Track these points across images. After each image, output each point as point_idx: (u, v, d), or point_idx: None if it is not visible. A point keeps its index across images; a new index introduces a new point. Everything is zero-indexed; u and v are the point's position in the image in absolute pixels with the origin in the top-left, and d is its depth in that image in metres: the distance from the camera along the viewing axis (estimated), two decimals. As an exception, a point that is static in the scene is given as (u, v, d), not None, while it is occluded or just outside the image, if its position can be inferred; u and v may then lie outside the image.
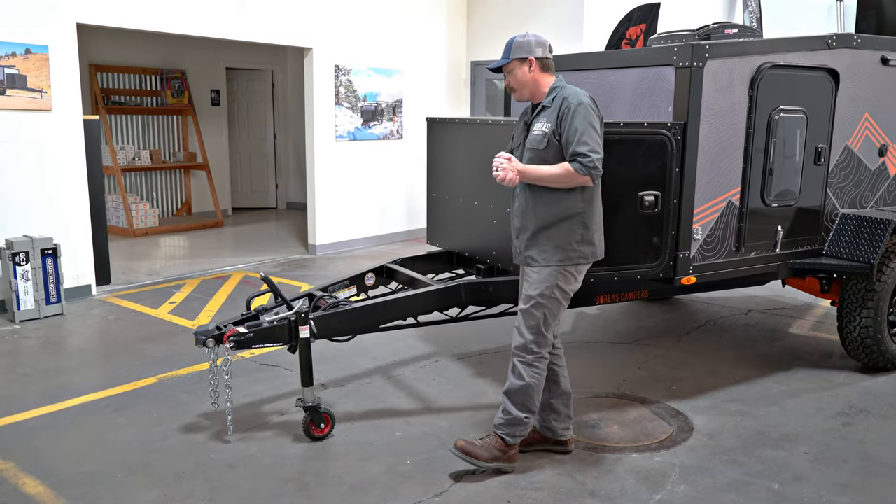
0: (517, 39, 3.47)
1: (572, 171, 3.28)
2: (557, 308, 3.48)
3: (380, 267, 4.63)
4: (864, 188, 4.89)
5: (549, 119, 3.38)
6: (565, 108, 3.33)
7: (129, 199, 9.95)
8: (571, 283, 3.48)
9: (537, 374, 3.49)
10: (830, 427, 4.09)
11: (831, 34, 4.54)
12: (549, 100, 3.43)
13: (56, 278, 6.00)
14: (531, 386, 3.48)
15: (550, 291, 3.43)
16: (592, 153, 3.26)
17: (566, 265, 3.42)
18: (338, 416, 4.12)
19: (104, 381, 4.64)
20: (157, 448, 3.76)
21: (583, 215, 3.41)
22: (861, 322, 4.71)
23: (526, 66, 3.44)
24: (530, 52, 3.44)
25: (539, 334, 3.46)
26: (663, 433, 4.02)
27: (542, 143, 3.40)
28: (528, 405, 3.52)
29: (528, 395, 3.49)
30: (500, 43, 9.90)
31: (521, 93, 3.51)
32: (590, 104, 3.34)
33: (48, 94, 6.15)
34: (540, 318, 3.45)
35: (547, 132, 3.38)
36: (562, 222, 3.40)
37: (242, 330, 3.76)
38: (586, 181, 3.31)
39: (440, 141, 4.93)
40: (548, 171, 3.34)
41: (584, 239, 3.43)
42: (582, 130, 3.27)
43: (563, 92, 3.41)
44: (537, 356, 3.49)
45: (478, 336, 5.53)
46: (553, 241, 3.41)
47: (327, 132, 8.55)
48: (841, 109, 4.64)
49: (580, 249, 3.43)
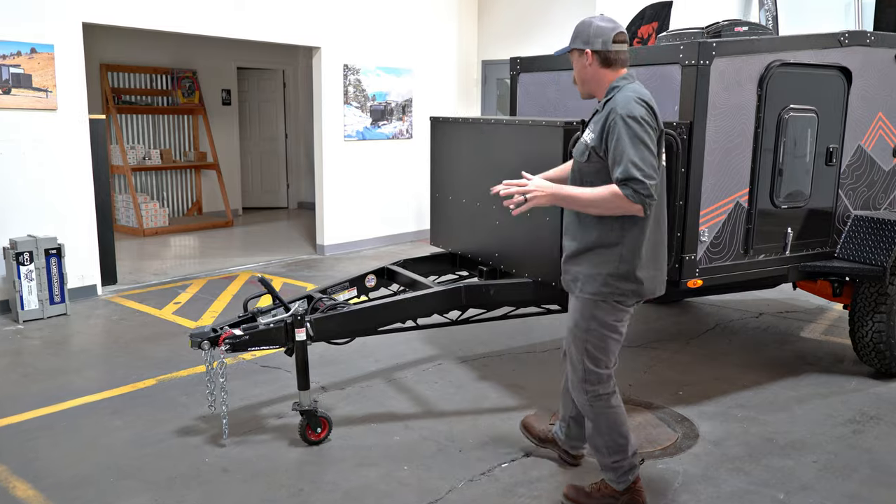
0: (579, 25, 2.95)
1: (621, 197, 2.73)
2: (601, 341, 3.02)
3: (381, 268, 4.57)
4: (877, 189, 4.77)
5: (596, 129, 2.87)
6: (611, 121, 2.78)
7: (139, 198, 9.96)
8: (615, 314, 2.99)
9: (603, 410, 3.10)
10: (840, 435, 3.98)
11: (844, 31, 4.43)
12: (602, 103, 2.92)
13: (60, 278, 5.99)
14: (602, 427, 3.11)
15: (587, 323, 3.00)
16: (647, 178, 2.71)
17: (598, 300, 2.97)
18: (336, 420, 4.07)
19: (103, 383, 4.61)
20: (152, 451, 3.72)
21: (619, 247, 2.89)
22: (873, 326, 4.59)
23: (585, 59, 2.92)
24: (587, 43, 2.90)
25: (586, 370, 3.06)
26: (667, 440, 3.93)
27: (583, 156, 2.93)
28: (610, 446, 3.13)
29: (605, 436, 3.12)
30: (512, 42, 9.92)
31: (582, 89, 3.02)
32: (642, 115, 2.76)
33: (53, 93, 6.14)
34: (582, 352, 3.05)
35: (590, 144, 2.88)
36: (596, 250, 2.93)
37: (238, 332, 3.70)
38: (637, 210, 2.76)
39: (444, 140, 4.86)
40: (587, 195, 2.81)
41: (620, 273, 2.91)
42: (631, 151, 2.72)
43: (616, 97, 2.84)
44: (593, 395, 3.09)
45: (483, 338, 5.46)
46: (586, 269, 2.97)
47: (336, 132, 8.50)
48: (853, 108, 4.52)
49: (616, 285, 2.92)
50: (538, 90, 5.04)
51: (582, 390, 3.12)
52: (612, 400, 3.13)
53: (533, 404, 4.35)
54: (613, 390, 3.15)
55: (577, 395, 3.17)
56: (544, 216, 3.89)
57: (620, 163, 2.74)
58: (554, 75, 4.88)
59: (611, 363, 3.10)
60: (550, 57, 4.96)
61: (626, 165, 2.72)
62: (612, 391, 3.14)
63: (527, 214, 4.00)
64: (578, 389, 3.14)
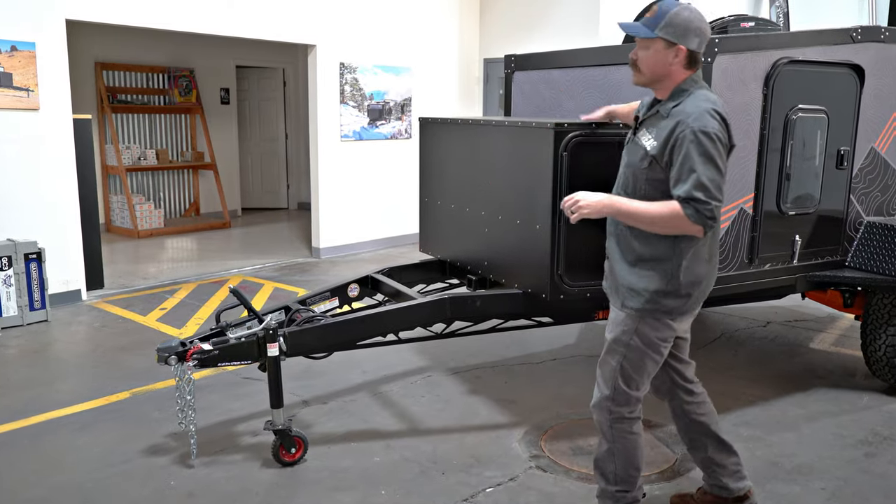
0: (674, 12, 2.58)
1: (681, 216, 2.51)
2: (640, 358, 2.78)
3: (364, 277, 4.34)
4: (892, 194, 4.51)
5: (659, 137, 2.62)
6: (680, 133, 2.53)
7: (134, 199, 9.78)
8: (661, 331, 2.77)
9: (623, 434, 2.86)
10: (851, 458, 3.72)
11: (856, 27, 4.17)
12: (668, 107, 2.64)
13: (41, 284, 5.80)
14: (617, 452, 2.87)
15: (629, 337, 2.77)
16: (712, 200, 2.49)
17: (644, 316, 2.75)
18: (315, 438, 3.85)
19: (75, 396, 4.40)
20: (116, 472, 3.50)
21: (670, 262, 2.68)
22: (887, 340, 4.33)
23: (671, 54, 2.61)
24: (682, 38, 2.59)
25: (616, 389, 2.81)
26: (665, 462, 3.68)
27: (642, 162, 2.67)
28: (619, 475, 2.89)
29: (617, 462, 2.88)
30: (516, 39, 9.66)
31: (642, 78, 2.70)
32: (716, 132, 2.52)
33: (35, 92, 5.94)
34: (616, 368, 2.81)
35: (650, 153, 2.64)
36: (645, 264, 2.72)
37: (207, 347, 3.49)
38: (696, 232, 2.55)
39: (432, 142, 4.63)
40: (645, 212, 2.59)
41: (669, 290, 2.70)
42: (701, 169, 2.49)
43: (685, 105, 2.58)
44: (616, 416, 2.84)
45: (476, 349, 5.22)
46: (631, 281, 2.75)
47: (332, 132, 8.28)
48: (866, 108, 4.26)
49: (662, 302, 2.70)
50: (533, 89, 4.79)
51: (605, 409, 2.86)
52: (634, 426, 2.89)
53: (524, 421, 4.11)
54: (639, 416, 2.90)
55: (598, 412, 2.90)
56: (535, 224, 3.66)
57: (686, 180, 2.51)
58: (547, 73, 4.64)
59: (643, 385, 2.86)
60: (546, 54, 4.72)
61: (692, 184, 2.50)
62: (638, 416, 2.90)
63: (516, 221, 3.81)
64: (602, 408, 2.88)
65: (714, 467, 3.10)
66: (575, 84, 4.45)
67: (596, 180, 3.55)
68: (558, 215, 3.53)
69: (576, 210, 2.70)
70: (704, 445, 3.09)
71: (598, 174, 3.56)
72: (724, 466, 3.09)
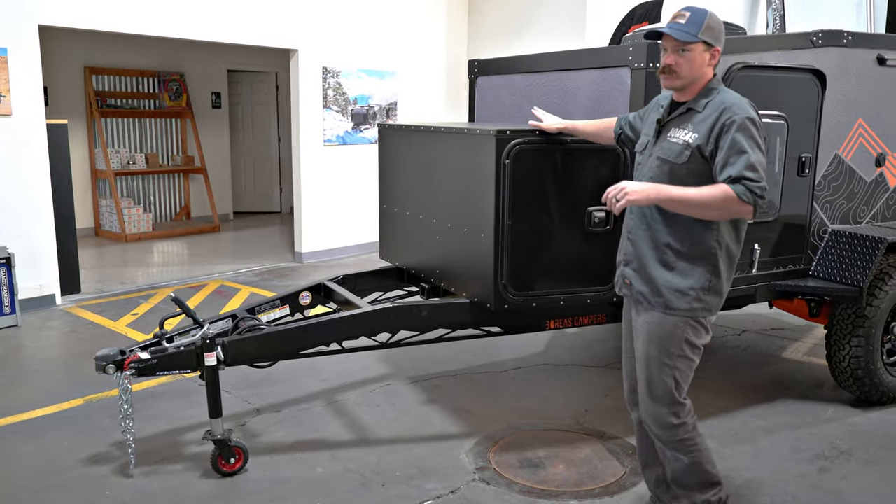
0: (710, 15, 2.69)
1: (732, 196, 2.54)
2: (689, 367, 2.80)
3: (317, 285, 4.29)
4: (858, 201, 4.41)
5: (699, 129, 2.68)
6: (727, 119, 2.61)
7: (123, 203, 9.79)
8: (703, 337, 2.79)
9: (695, 443, 2.86)
10: (803, 472, 3.63)
11: (817, 31, 4.09)
12: (702, 103, 2.72)
13: (10, 289, 5.79)
14: (696, 461, 2.86)
15: (679, 349, 2.75)
16: (761, 179, 2.56)
17: (689, 318, 2.74)
18: (261, 448, 3.81)
19: (28, 403, 4.38)
20: (53, 483, 3.47)
21: (716, 257, 2.71)
22: (851, 351, 4.23)
23: (709, 56, 2.71)
24: (718, 40, 2.71)
25: (674, 403, 2.80)
26: (612, 476, 3.61)
27: (681, 156, 2.70)
28: (705, 479, 2.88)
29: (700, 471, 2.87)
30: (504, 41, 9.59)
31: (681, 82, 2.73)
32: (758, 121, 2.66)
33: (7, 98, 5.94)
34: (670, 384, 2.78)
35: (692, 144, 2.67)
36: (690, 262, 2.72)
37: (145, 356, 3.45)
38: (747, 211, 2.57)
39: (389, 148, 4.58)
40: (698, 195, 2.58)
41: (712, 287, 2.73)
42: (750, 152, 2.57)
43: (723, 97, 2.69)
44: (683, 429, 2.83)
45: (441, 356, 5.16)
46: (673, 282, 2.73)
47: (314, 136, 8.25)
48: (829, 114, 4.17)
49: (706, 300, 2.72)
50: (494, 95, 4.73)
51: (668, 426, 2.82)
52: (693, 434, 2.87)
53: (476, 432, 4.05)
54: (693, 420, 2.88)
55: (662, 431, 2.84)
56: (479, 233, 3.60)
57: (735, 162, 2.58)
58: (508, 79, 4.57)
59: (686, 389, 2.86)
60: (506, 59, 4.65)
61: (742, 165, 2.57)
62: (693, 421, 2.88)
63: (463, 230, 3.75)
64: (664, 425, 2.83)
65: (665, 486, 3.06)
66: (534, 89, 4.39)
67: (539, 188, 3.51)
68: (501, 224, 3.47)
69: (621, 198, 2.64)
70: (661, 464, 3.04)
71: (542, 181, 3.51)
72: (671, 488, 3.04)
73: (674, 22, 2.71)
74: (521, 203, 3.47)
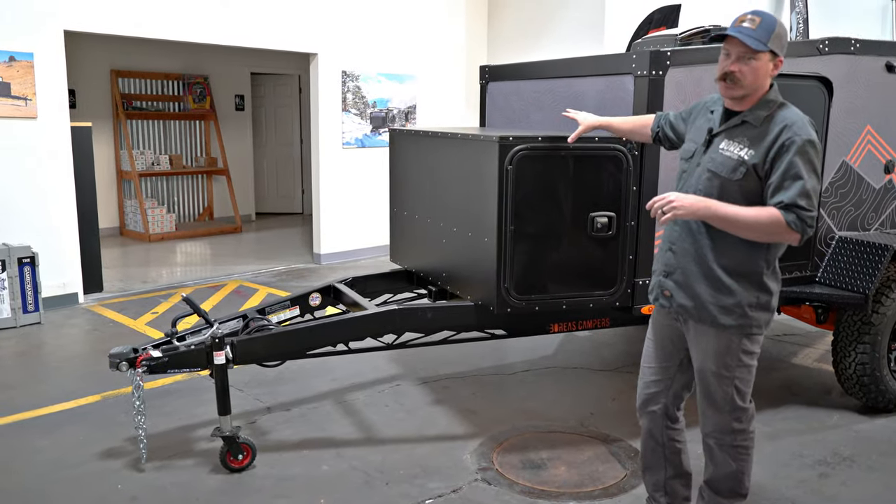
0: (779, 24, 2.57)
1: (781, 223, 2.49)
2: (749, 372, 2.78)
3: (327, 286, 4.39)
4: (866, 209, 4.41)
5: (755, 145, 2.58)
6: (787, 140, 2.53)
7: (147, 204, 9.98)
8: (756, 344, 2.77)
9: (747, 454, 2.87)
10: (804, 478, 3.65)
11: (824, 38, 4.10)
12: (759, 116, 2.62)
13: (34, 287, 5.96)
14: (740, 472, 2.87)
15: (737, 360, 2.73)
16: (812, 208, 2.50)
17: (742, 333, 2.71)
18: (269, 445, 3.91)
19: (47, 398, 4.52)
20: (66, 476, 3.59)
21: (761, 275, 2.68)
22: (857, 358, 4.24)
23: (772, 65, 2.61)
24: (783, 52, 2.61)
25: (736, 409, 2.78)
26: (613, 478, 3.65)
27: (735, 173, 2.60)
28: (738, 491, 2.91)
29: (737, 481, 2.88)
30: (523, 46, 9.64)
31: (742, 91, 2.61)
32: (818, 143, 2.57)
33: (33, 101, 6.11)
34: (731, 392, 2.76)
35: (748, 162, 2.58)
36: (736, 279, 2.67)
37: (156, 354, 3.56)
38: (794, 239, 2.54)
39: (400, 153, 4.66)
40: (747, 216, 2.53)
41: (759, 303, 2.69)
42: (806, 178, 2.49)
43: (785, 114, 2.60)
44: (743, 436, 2.84)
45: (451, 358, 5.23)
46: (720, 300, 2.69)
47: (333, 139, 8.36)
48: (836, 122, 4.18)
49: (754, 316, 2.69)
50: (504, 100, 4.80)
51: (730, 431, 2.82)
52: (750, 442, 2.88)
53: (481, 432, 4.11)
54: (754, 428, 2.89)
55: (723, 437, 2.84)
56: (482, 237, 3.66)
57: (790, 188, 2.50)
58: (517, 85, 4.64)
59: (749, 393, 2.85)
60: (515, 66, 4.72)
61: (796, 192, 2.49)
62: (754, 429, 2.89)
63: (468, 234, 3.82)
64: (726, 432, 2.82)
65: (665, 493, 3.10)
66: (542, 95, 4.45)
67: (541, 193, 3.57)
68: (504, 228, 3.53)
69: (668, 210, 2.59)
70: (664, 470, 3.08)
71: (544, 187, 3.57)
72: (676, 495, 3.10)
73: (743, 27, 2.55)
74: (524, 208, 3.53)
